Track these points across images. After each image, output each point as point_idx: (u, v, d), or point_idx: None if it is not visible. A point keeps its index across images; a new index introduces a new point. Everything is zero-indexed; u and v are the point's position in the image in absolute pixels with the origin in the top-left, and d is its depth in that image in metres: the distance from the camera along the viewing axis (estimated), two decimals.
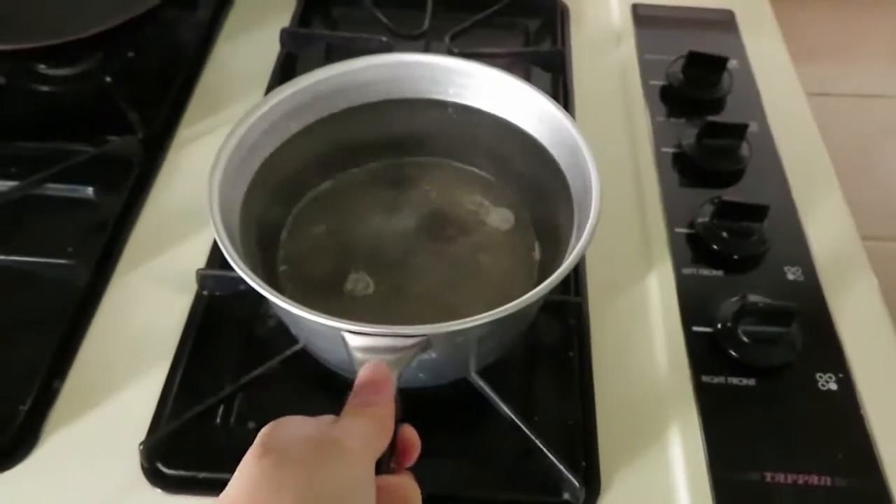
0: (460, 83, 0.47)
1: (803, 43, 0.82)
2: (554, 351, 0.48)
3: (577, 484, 0.40)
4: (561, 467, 0.41)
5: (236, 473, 0.29)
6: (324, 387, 0.46)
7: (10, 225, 0.54)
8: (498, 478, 0.43)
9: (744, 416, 0.45)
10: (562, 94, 0.65)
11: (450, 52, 0.65)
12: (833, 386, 0.46)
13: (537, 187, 0.47)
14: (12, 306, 0.50)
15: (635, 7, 0.73)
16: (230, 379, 0.46)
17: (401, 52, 0.48)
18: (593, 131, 0.61)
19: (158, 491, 0.42)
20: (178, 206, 0.56)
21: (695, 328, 0.49)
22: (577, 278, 0.51)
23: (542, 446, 0.42)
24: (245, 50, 0.68)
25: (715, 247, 0.53)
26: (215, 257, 0.52)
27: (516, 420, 0.42)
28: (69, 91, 0.64)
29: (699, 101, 0.64)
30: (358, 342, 0.36)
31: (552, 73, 0.67)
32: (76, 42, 0.59)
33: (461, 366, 0.43)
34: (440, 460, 0.44)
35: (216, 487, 0.41)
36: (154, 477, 0.42)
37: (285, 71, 0.66)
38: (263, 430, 0.30)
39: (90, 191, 0.57)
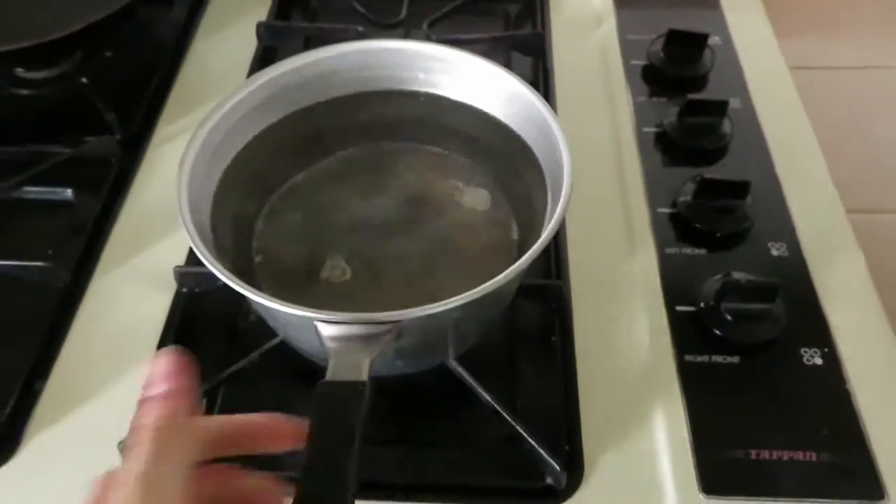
0: (429, 67, 0.47)
1: (791, 16, 0.81)
2: (536, 335, 0.48)
3: (558, 468, 0.40)
4: (542, 452, 0.41)
5: None
6: (304, 377, 0.46)
7: None
8: (480, 465, 0.43)
9: (728, 395, 0.45)
10: (542, 77, 0.64)
11: (428, 39, 0.65)
12: (818, 361, 0.46)
13: (512, 168, 0.47)
14: None
15: None
16: (212, 375, 0.46)
17: (369, 40, 0.47)
18: (574, 114, 0.62)
19: None
20: (156, 204, 0.55)
21: (678, 308, 0.49)
22: (557, 261, 0.51)
23: (522, 431, 0.41)
24: (223, 45, 0.68)
25: (697, 225, 0.52)
26: (195, 254, 0.51)
27: (496, 406, 0.42)
28: (46, 93, 0.64)
29: (681, 79, 0.63)
30: (330, 331, 0.35)
31: (532, 56, 0.66)
32: (52, 42, 0.59)
33: (439, 351, 0.43)
34: (420, 448, 0.44)
35: None
36: None
37: (263, 65, 0.65)
38: None
39: (69, 192, 0.57)
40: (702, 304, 0.48)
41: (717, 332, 0.47)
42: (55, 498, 0.42)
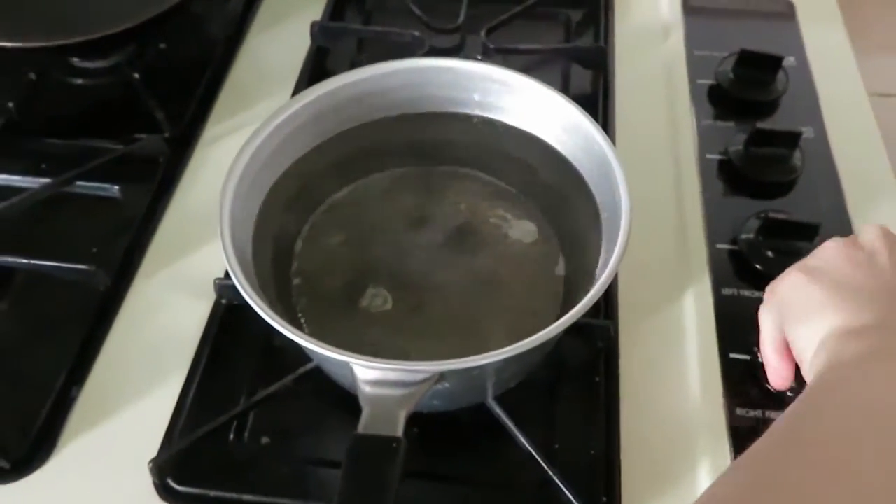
0: (486, 89, 0.45)
1: (871, 38, 0.76)
2: (579, 375, 0.46)
3: None
4: (576, 502, 0.39)
5: None
6: (338, 405, 0.45)
7: (37, 223, 0.54)
8: None
9: None
10: (601, 93, 0.61)
11: (485, 48, 0.62)
12: None
13: (562, 200, 0.45)
14: (34, 310, 0.50)
15: None
16: (246, 392, 0.46)
17: (424, 58, 0.45)
18: (633, 133, 0.59)
19: None
20: (201, 207, 0.55)
21: (732, 355, 0.46)
22: (607, 300, 0.48)
23: (557, 480, 0.40)
24: (276, 44, 0.67)
25: (758, 266, 0.49)
26: None
27: (532, 450, 0.40)
28: (99, 86, 0.64)
29: (750, 102, 0.59)
30: (367, 375, 0.34)
31: (593, 69, 0.63)
32: (106, 38, 0.58)
33: (478, 393, 0.41)
34: (452, 485, 0.43)
35: None
36: (165, 493, 0.42)
37: (315, 66, 0.64)
38: None
39: (116, 189, 0.56)
40: (758, 354, 0.45)
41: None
42: None
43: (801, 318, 0.37)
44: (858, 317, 0.34)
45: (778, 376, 0.41)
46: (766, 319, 0.41)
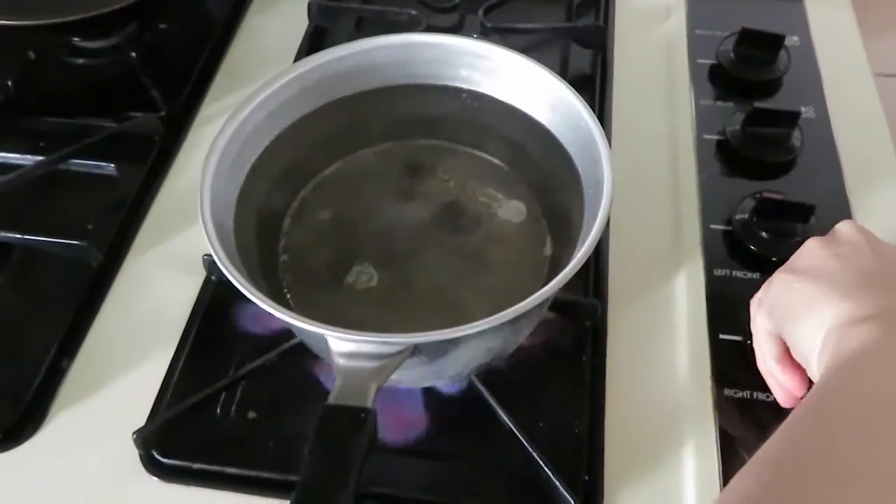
0: (473, 65, 0.44)
1: (877, 18, 0.74)
2: (566, 354, 0.46)
3: (572, 501, 0.38)
4: (557, 482, 0.39)
5: None
6: (324, 378, 0.45)
7: (32, 200, 0.55)
8: (494, 487, 0.41)
9: (765, 437, 0.41)
10: (599, 72, 0.61)
11: (483, 27, 0.62)
12: None
13: (551, 178, 0.44)
14: (29, 285, 0.51)
15: None
16: (233, 367, 0.46)
17: (410, 33, 0.45)
18: (631, 113, 0.58)
19: (155, 479, 0.42)
20: (194, 185, 0.53)
21: (722, 336, 0.46)
22: (596, 278, 0.48)
23: (538, 458, 0.39)
24: (274, 23, 0.67)
25: (752, 247, 0.49)
26: None
27: (514, 429, 0.40)
28: (99, 64, 0.64)
29: (751, 83, 0.58)
30: (342, 347, 0.34)
31: (592, 49, 0.63)
32: (106, 15, 0.59)
33: (459, 368, 0.41)
34: (435, 463, 0.42)
35: (211, 479, 0.42)
36: (150, 465, 0.42)
37: (313, 45, 0.64)
38: None
39: (112, 167, 0.57)
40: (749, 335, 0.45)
41: None
42: (73, 477, 0.43)
43: (798, 317, 0.37)
44: (858, 307, 0.34)
45: (786, 391, 0.40)
46: (761, 331, 0.41)
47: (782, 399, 0.41)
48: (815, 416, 0.31)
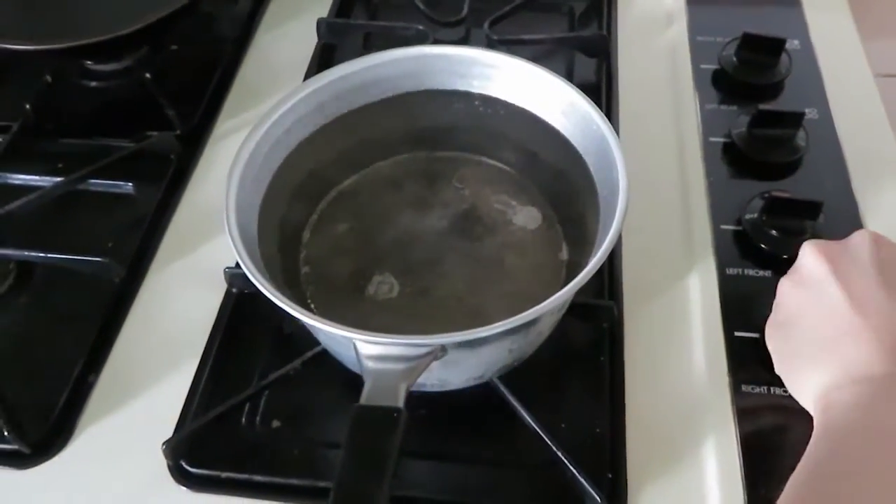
0: (484, 74, 0.46)
1: (876, 19, 0.76)
2: (584, 355, 0.47)
3: (598, 499, 0.39)
4: (582, 480, 0.39)
5: None
6: (346, 386, 0.46)
7: (54, 220, 0.56)
8: (519, 487, 0.42)
9: (784, 431, 0.42)
10: (605, 80, 0.62)
11: (489, 39, 0.63)
12: None
13: (565, 183, 0.45)
14: (53, 303, 0.52)
15: None
16: (257, 377, 0.47)
17: (422, 46, 0.46)
18: (637, 119, 0.59)
19: (184, 489, 0.43)
20: (211, 201, 0.56)
21: (737, 333, 0.46)
22: (611, 280, 0.49)
23: (563, 457, 0.40)
24: (283, 41, 0.68)
25: (763, 245, 0.49)
26: None
27: (537, 429, 0.41)
28: (113, 86, 0.66)
29: (753, 86, 0.60)
30: (369, 350, 0.35)
31: (596, 58, 0.64)
32: (119, 38, 0.60)
33: (482, 370, 0.42)
34: (458, 466, 0.43)
35: (240, 487, 0.43)
36: (179, 475, 0.43)
37: (323, 62, 0.65)
38: None
39: (130, 186, 0.58)
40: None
41: None
42: (103, 490, 0.43)
43: (787, 377, 0.41)
44: (840, 373, 0.37)
45: None
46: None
47: None
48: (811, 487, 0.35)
